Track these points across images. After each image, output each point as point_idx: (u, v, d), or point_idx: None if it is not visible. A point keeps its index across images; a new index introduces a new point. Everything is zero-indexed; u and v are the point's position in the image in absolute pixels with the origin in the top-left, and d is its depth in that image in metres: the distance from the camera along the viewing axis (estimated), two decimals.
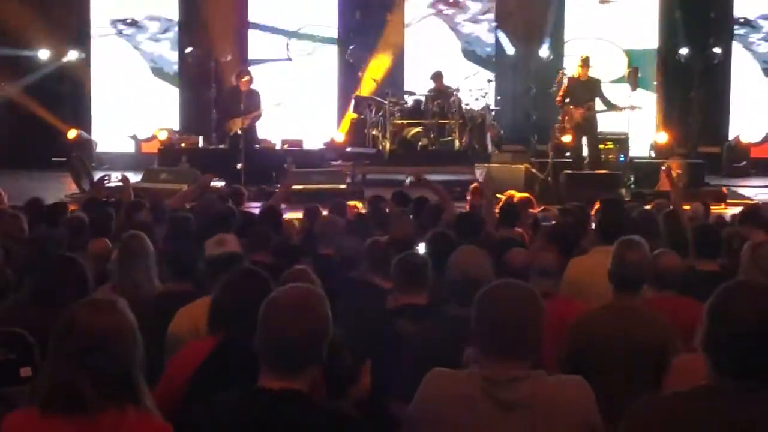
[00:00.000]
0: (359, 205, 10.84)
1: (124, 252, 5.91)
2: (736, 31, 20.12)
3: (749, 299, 2.84)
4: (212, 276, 5.27)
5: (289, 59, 20.51)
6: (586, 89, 15.66)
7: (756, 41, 20.21)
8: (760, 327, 2.79)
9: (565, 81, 15.97)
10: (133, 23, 20.46)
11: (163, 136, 18.64)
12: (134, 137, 20.41)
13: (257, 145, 16.97)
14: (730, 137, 19.63)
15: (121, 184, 10.70)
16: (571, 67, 16.63)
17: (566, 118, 15.76)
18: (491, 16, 20.49)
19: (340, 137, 19.20)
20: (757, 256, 5.59)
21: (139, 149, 20.34)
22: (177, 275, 5.76)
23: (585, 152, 16.10)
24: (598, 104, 15.75)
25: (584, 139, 15.92)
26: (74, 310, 3.23)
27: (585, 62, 15.73)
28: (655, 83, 19.85)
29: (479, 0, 20.54)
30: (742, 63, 20.21)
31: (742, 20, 20.15)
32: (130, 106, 20.34)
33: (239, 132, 16.12)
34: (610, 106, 15.84)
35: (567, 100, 15.72)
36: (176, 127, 19.73)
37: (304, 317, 3.19)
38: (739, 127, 19.82)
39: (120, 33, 20.46)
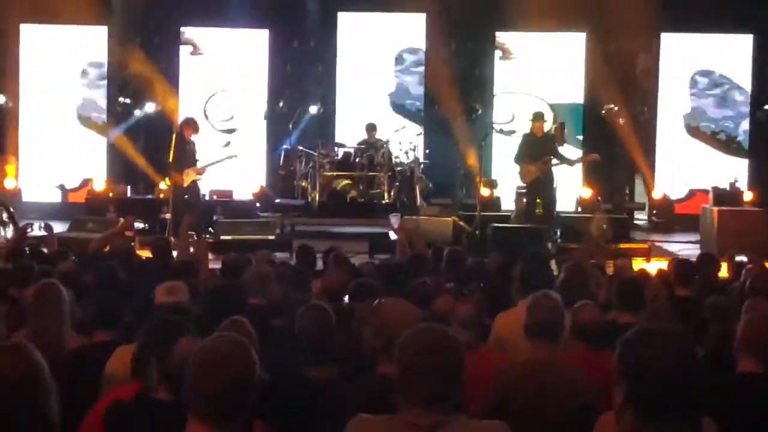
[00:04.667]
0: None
1: (38, 299, 5.83)
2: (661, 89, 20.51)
3: (658, 343, 2.87)
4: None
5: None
6: (542, 145, 15.70)
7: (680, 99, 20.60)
8: (673, 369, 2.82)
9: (521, 138, 16.01)
10: (62, 71, 20.25)
11: (99, 185, 18.58)
12: (61, 186, 20.16)
13: (202, 197, 16.59)
14: (655, 193, 19.91)
15: (45, 233, 10.57)
16: (499, 121, 16.65)
17: (523, 174, 15.76)
18: (422, 69, 20.69)
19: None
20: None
21: (66, 199, 20.09)
22: (101, 325, 5.70)
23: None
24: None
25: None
26: None
27: (538, 117, 15.86)
28: (580, 138, 20.10)
29: (412, 53, 20.74)
30: (667, 120, 20.57)
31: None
32: (58, 154, 20.14)
33: (194, 182, 15.45)
34: (565, 160, 15.94)
35: (523, 157, 15.70)
36: (104, 176, 19.54)
37: (229, 367, 3.21)
38: (664, 183, 20.15)
39: (49, 80, 20.23)
